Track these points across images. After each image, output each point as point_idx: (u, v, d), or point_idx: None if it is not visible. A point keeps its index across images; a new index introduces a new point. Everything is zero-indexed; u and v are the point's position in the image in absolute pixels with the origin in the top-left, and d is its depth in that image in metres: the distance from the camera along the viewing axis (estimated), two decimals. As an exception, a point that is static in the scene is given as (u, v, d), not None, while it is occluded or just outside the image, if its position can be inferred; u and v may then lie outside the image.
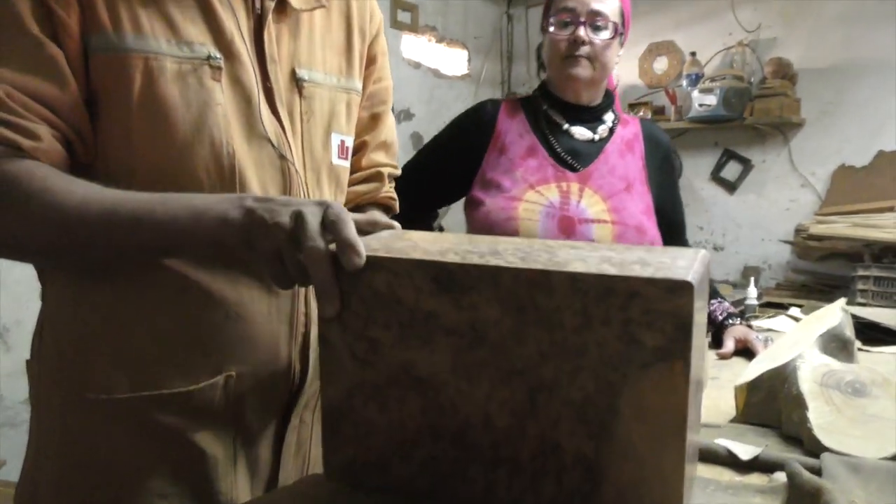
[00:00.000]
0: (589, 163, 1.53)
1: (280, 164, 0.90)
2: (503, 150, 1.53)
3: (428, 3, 4.17)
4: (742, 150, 3.99)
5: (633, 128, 1.62)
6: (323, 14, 0.98)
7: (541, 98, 1.59)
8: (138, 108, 0.81)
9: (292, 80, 0.93)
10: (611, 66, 1.54)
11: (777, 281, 3.87)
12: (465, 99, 4.47)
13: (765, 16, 3.85)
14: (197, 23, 0.84)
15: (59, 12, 0.77)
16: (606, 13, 1.48)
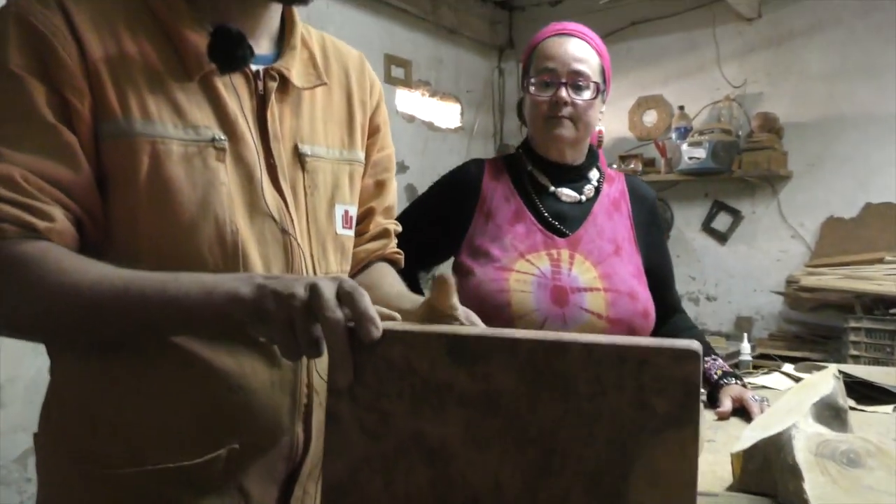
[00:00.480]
0: (577, 226, 1.51)
1: (282, 238, 0.92)
2: (490, 214, 1.50)
3: (421, 59, 4.26)
4: (732, 201, 4.05)
5: (618, 185, 1.60)
6: (324, 89, 1.02)
7: (524, 157, 1.56)
8: (145, 190, 0.83)
9: (295, 155, 0.96)
10: (594, 125, 1.52)
11: (770, 331, 3.89)
12: (459, 151, 4.54)
13: (750, 72, 3.95)
14: (202, 107, 0.87)
15: (72, 101, 0.80)
16: (587, 73, 1.46)
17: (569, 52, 1.46)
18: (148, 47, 0.85)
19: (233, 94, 0.90)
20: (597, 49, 1.50)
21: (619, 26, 4.27)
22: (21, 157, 0.78)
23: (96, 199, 0.83)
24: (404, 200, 4.13)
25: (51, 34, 0.80)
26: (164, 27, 0.87)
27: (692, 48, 4.10)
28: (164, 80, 0.85)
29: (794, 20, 3.82)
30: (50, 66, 0.79)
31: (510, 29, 4.76)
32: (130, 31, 0.85)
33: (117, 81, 0.82)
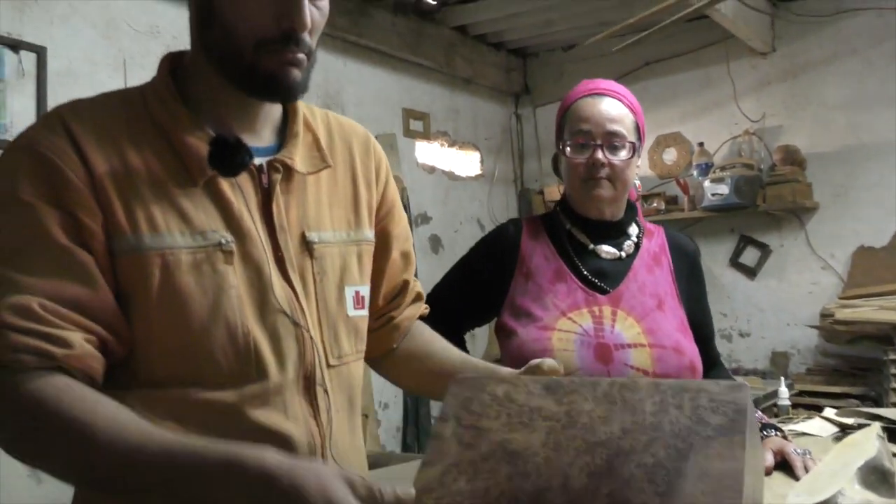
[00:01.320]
0: (618, 283, 1.48)
1: (294, 331, 0.93)
2: (530, 274, 1.49)
3: (438, 110, 4.31)
4: (759, 235, 4.01)
5: (658, 239, 1.57)
6: (328, 171, 1.02)
7: (562, 215, 1.54)
8: (157, 301, 0.85)
9: (302, 243, 0.96)
10: (632, 182, 1.52)
11: (807, 366, 3.81)
12: (481, 198, 4.56)
13: (768, 105, 3.94)
14: (208, 210, 0.89)
15: (86, 221, 0.82)
16: (623, 133, 1.45)
17: (603, 112, 1.46)
18: (152, 157, 0.87)
19: (238, 192, 0.91)
20: (630, 107, 1.50)
21: (633, 67, 4.29)
22: (38, 283, 0.79)
23: (117, 314, 0.84)
24: (428, 251, 4.18)
25: (59, 159, 0.82)
26: (166, 135, 0.89)
27: (708, 85, 4.11)
28: (170, 188, 0.87)
29: (809, 52, 3.82)
30: (61, 190, 0.82)
31: (525, 75, 4.81)
32: (134, 143, 0.87)
33: (124, 197, 0.84)
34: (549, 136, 4.78)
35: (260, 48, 0.86)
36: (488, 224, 4.60)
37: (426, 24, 4.02)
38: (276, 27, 0.86)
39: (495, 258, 1.53)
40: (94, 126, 0.86)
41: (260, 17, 0.85)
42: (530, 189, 4.77)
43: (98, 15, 2.71)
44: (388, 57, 3.93)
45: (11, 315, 0.77)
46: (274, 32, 0.86)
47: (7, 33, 2.46)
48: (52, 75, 2.55)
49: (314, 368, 0.94)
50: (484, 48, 4.49)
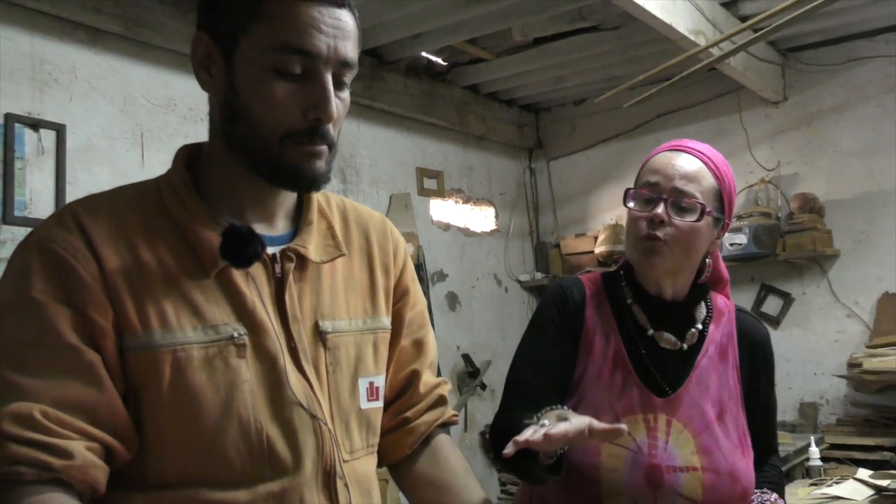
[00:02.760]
0: (678, 384, 1.31)
1: (312, 424, 0.90)
2: (590, 351, 1.34)
3: (452, 168, 4.34)
4: (780, 284, 3.95)
5: (726, 325, 1.38)
6: (344, 258, 1.00)
7: (625, 286, 1.38)
8: (169, 399, 0.83)
9: (315, 334, 0.94)
10: (697, 254, 1.32)
11: (837, 416, 3.71)
12: (497, 253, 4.55)
13: (783, 154, 3.93)
14: (220, 303, 0.88)
15: (96, 318, 0.82)
16: (694, 193, 1.28)
17: (675, 166, 1.30)
18: (165, 251, 0.87)
19: (251, 282, 0.90)
20: (713, 170, 1.32)
21: (645, 119, 4.31)
22: (42, 387, 0.78)
23: (123, 417, 0.83)
24: (446, 309, 4.16)
25: (71, 256, 0.82)
26: (179, 227, 0.89)
27: (720, 135, 4.11)
28: (182, 282, 0.86)
29: (822, 100, 3.82)
30: (72, 288, 0.81)
31: (537, 130, 4.85)
32: (147, 237, 0.87)
33: (135, 294, 0.84)
34: (564, 189, 4.83)
35: (286, 140, 0.86)
36: (505, 279, 4.58)
37: (438, 85, 4.07)
38: (302, 120, 0.86)
39: (566, 324, 1.36)
40: (108, 222, 0.85)
41: (287, 110, 0.85)
42: (547, 242, 4.76)
43: (116, 91, 2.77)
44: (401, 118, 3.98)
45: (12, 424, 0.76)
46: (300, 125, 0.86)
47: (28, 113, 2.51)
48: (71, 151, 2.60)
49: (333, 462, 0.91)
50: (496, 105, 4.53)
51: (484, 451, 4.29)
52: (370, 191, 3.80)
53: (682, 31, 2.91)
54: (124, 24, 2.71)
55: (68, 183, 2.58)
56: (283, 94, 0.85)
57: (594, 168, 4.60)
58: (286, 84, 0.85)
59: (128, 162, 2.77)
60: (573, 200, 4.72)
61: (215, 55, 0.88)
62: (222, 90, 0.88)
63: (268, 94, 0.84)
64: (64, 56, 2.63)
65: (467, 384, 4.21)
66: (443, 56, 3.89)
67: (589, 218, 4.63)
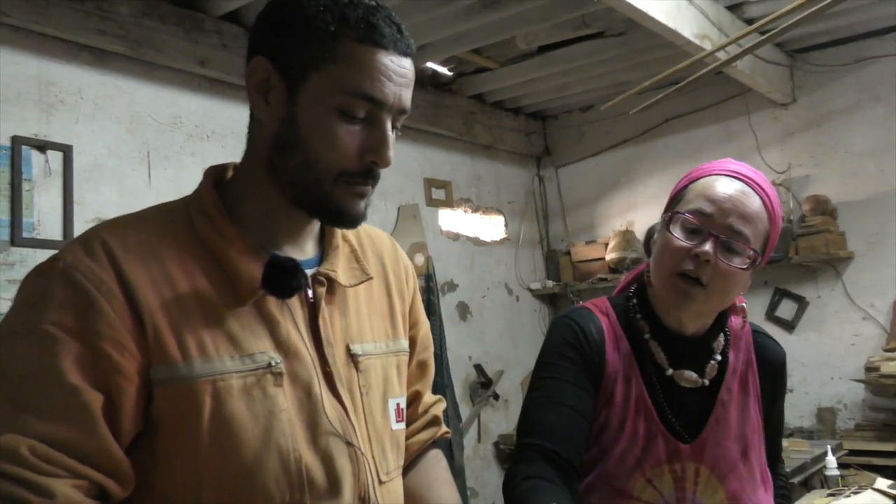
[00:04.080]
0: (701, 426, 1.22)
1: (347, 451, 0.90)
2: (611, 397, 1.22)
3: (460, 178, 4.33)
4: (794, 287, 3.91)
5: (744, 350, 1.29)
6: (366, 283, 1.01)
7: (640, 319, 1.26)
8: (209, 431, 0.82)
9: (348, 357, 0.94)
10: (732, 299, 1.22)
11: (855, 421, 3.66)
12: (507, 261, 4.53)
13: (793, 156, 3.89)
14: (256, 331, 0.87)
15: (112, 355, 0.79)
16: (749, 236, 1.14)
17: (736, 202, 1.15)
18: (201, 280, 0.86)
19: (284, 309, 0.90)
20: (770, 212, 1.18)
21: (653, 124, 4.29)
22: (34, 423, 0.76)
23: (116, 458, 0.80)
24: (456, 319, 4.14)
25: (95, 288, 0.80)
26: (212, 252, 0.88)
27: (729, 138, 4.08)
28: (219, 311, 0.85)
29: (831, 101, 3.78)
30: (90, 321, 0.79)
31: (545, 137, 4.83)
32: (180, 263, 0.85)
33: (175, 326, 0.82)
34: (573, 196, 4.81)
35: (339, 179, 0.86)
36: (516, 288, 4.56)
37: (444, 95, 4.07)
38: (358, 161, 0.86)
39: (589, 371, 1.23)
40: (140, 250, 0.83)
41: (347, 151, 0.86)
42: (557, 250, 4.74)
43: (122, 111, 2.79)
44: (408, 129, 3.96)
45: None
46: (356, 166, 0.87)
47: (34, 135, 2.52)
48: (78, 171, 2.61)
49: (367, 488, 0.91)
50: (502, 114, 4.52)
51: (499, 461, 4.27)
52: (378, 203, 3.80)
53: (686, 36, 2.89)
54: (129, 44, 2.72)
55: (76, 203, 2.59)
56: (345, 135, 0.85)
57: (603, 174, 4.58)
58: (350, 126, 0.86)
59: (135, 181, 2.78)
60: (583, 207, 4.69)
61: (276, 83, 0.87)
62: (280, 119, 0.87)
63: (331, 133, 0.85)
64: (70, 78, 2.65)
65: (480, 395, 4.19)
66: (448, 66, 3.89)
67: (599, 224, 4.61)
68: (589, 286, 4.37)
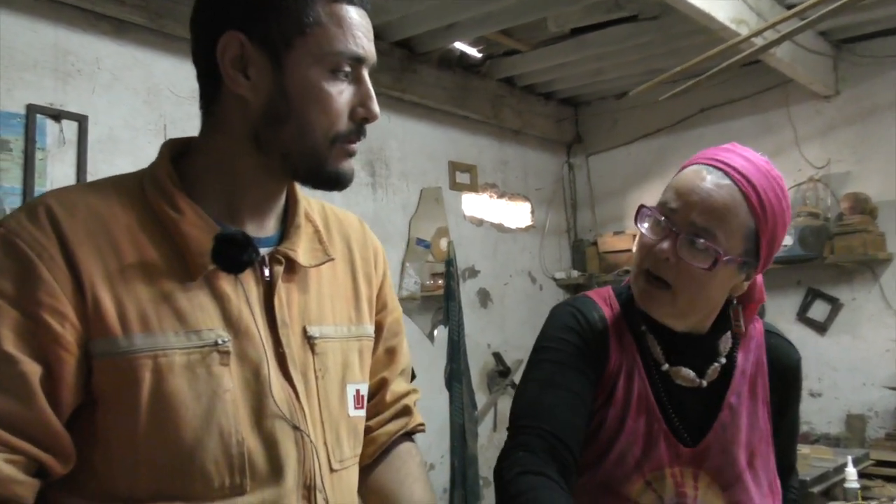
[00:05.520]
0: (705, 430, 1.14)
1: (294, 435, 0.86)
2: (611, 391, 1.15)
3: (486, 162, 4.24)
4: (828, 288, 3.75)
5: (755, 351, 1.20)
6: (329, 265, 0.98)
7: (636, 309, 1.17)
8: (147, 408, 0.78)
9: (304, 339, 0.91)
10: (710, 302, 1.12)
11: (886, 430, 3.51)
12: (531, 249, 4.45)
13: (834, 151, 3.72)
14: (205, 307, 0.83)
15: (52, 325, 0.76)
16: (715, 232, 1.04)
17: (701, 193, 1.05)
18: (150, 252, 0.82)
19: (238, 285, 0.86)
20: (753, 203, 1.05)
21: (688, 114, 4.14)
22: None
23: (55, 431, 0.77)
24: (477, 306, 4.07)
25: (36, 255, 0.76)
26: (164, 225, 0.84)
27: (767, 131, 3.92)
28: (166, 284, 0.82)
29: (877, 95, 3.60)
30: (29, 289, 0.75)
31: (577, 124, 4.71)
32: (131, 239, 0.82)
33: (116, 297, 0.79)
34: (603, 185, 4.68)
35: (334, 143, 0.86)
36: (540, 277, 4.47)
37: (471, 78, 3.98)
38: (349, 121, 0.87)
39: (592, 361, 1.15)
40: (87, 219, 0.80)
41: (340, 111, 0.86)
42: (584, 240, 4.63)
43: (140, 82, 2.77)
44: (433, 110, 3.90)
45: None
46: (348, 126, 0.87)
47: (50, 104, 2.52)
48: (92, 142, 2.60)
49: (314, 475, 0.88)
50: (533, 98, 4.41)
51: (513, 452, 4.20)
52: (399, 184, 3.74)
53: (722, 21, 2.76)
54: (148, 15, 2.69)
55: (89, 174, 2.58)
56: (337, 96, 0.85)
57: (635, 164, 4.45)
58: (339, 87, 0.86)
59: (150, 153, 2.70)
60: (612, 197, 4.57)
61: (255, 57, 0.84)
62: (266, 92, 0.85)
63: (324, 97, 0.84)
64: (87, 47, 2.63)
65: (497, 383, 4.12)
66: (477, 47, 3.79)
67: (627, 215, 4.48)
68: (615, 278, 4.26)
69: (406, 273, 3.69)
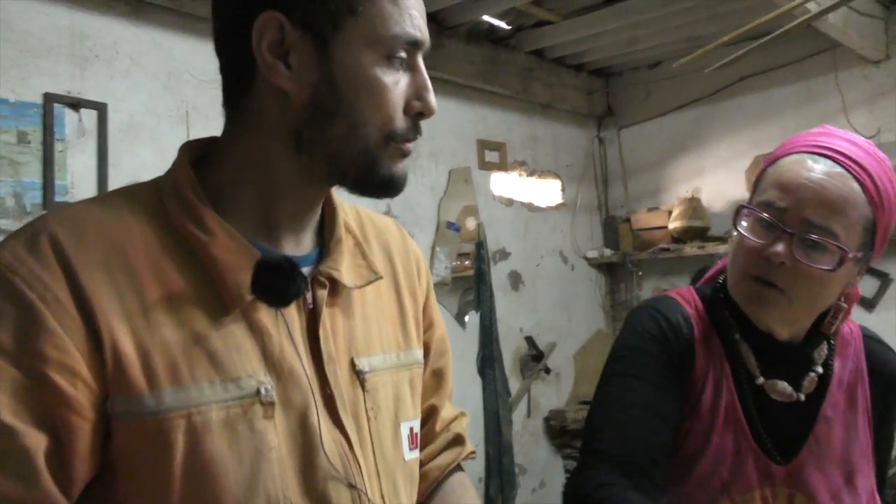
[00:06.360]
0: (796, 446, 1.05)
1: (350, 495, 0.74)
2: (697, 403, 1.05)
3: (515, 139, 4.09)
4: (876, 262, 3.58)
5: (853, 358, 1.11)
6: (373, 284, 0.86)
7: (729, 316, 1.08)
8: (181, 476, 0.67)
9: (352, 374, 0.79)
10: (825, 304, 1.04)
11: (941, 410, 3.37)
12: (563, 228, 4.31)
13: (883, 119, 3.54)
14: (243, 347, 0.71)
15: (61, 385, 0.63)
16: (834, 230, 0.95)
17: (814, 186, 0.96)
18: (176, 282, 0.70)
19: (279, 318, 0.73)
20: (871, 192, 0.97)
21: (727, 82, 3.96)
22: None
23: None
24: (508, 289, 3.95)
25: (39, 297, 0.63)
26: (193, 251, 0.72)
27: (812, 98, 3.73)
28: (197, 322, 0.70)
29: (931, 58, 3.41)
30: (30, 341, 0.63)
31: (607, 96, 4.53)
32: (153, 269, 0.69)
33: (140, 344, 0.66)
34: (636, 159, 4.52)
35: (388, 141, 0.75)
36: (571, 256, 4.33)
37: (501, 51, 3.81)
38: (404, 115, 0.76)
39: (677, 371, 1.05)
40: (99, 248, 0.67)
41: (396, 104, 0.74)
42: (616, 217, 4.48)
43: (159, 67, 2.63)
44: (461, 87, 3.74)
45: None
46: (403, 122, 0.75)
47: (68, 92, 2.39)
48: (113, 131, 2.48)
49: None
50: (563, 71, 4.24)
51: (549, 437, 4.10)
52: (428, 166, 3.59)
53: (775, -16, 2.58)
54: (166, -6, 2.55)
55: (111, 165, 2.46)
56: (393, 87, 0.74)
57: (669, 136, 4.28)
58: (395, 75, 0.74)
59: (173, 141, 2.61)
60: (645, 172, 4.41)
61: (297, 42, 0.72)
62: (311, 84, 0.73)
63: (378, 88, 0.73)
64: (104, 31, 2.49)
65: (531, 368, 4.01)
66: (506, 20, 3.62)
67: (662, 191, 4.33)
68: (650, 256, 4.12)
69: (437, 258, 3.57)
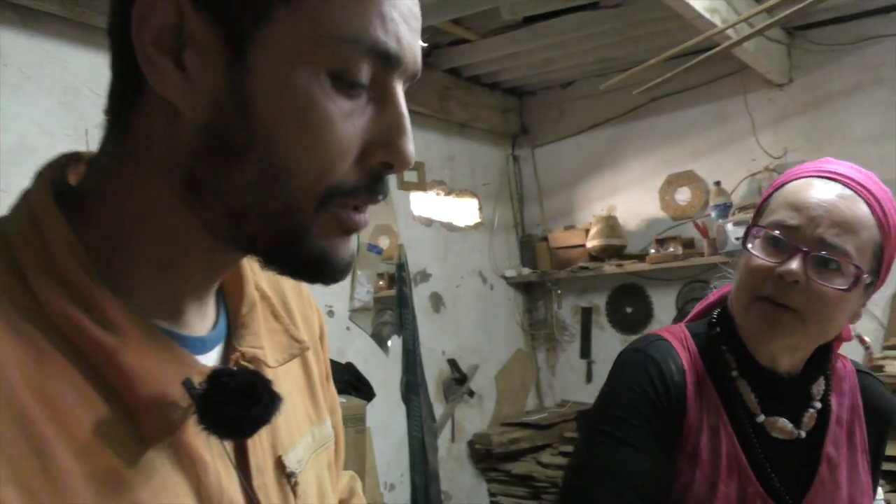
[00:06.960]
0: (804, 486, 1.02)
1: None
2: (695, 453, 1.00)
3: (433, 158, 4.01)
4: (784, 278, 3.73)
5: (849, 395, 1.09)
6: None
7: (727, 352, 1.05)
8: None
9: (282, 479, 0.61)
10: (836, 330, 1.01)
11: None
12: (481, 248, 4.25)
13: (789, 140, 3.68)
14: (171, 488, 0.50)
15: None
16: (847, 249, 0.93)
17: (827, 206, 0.95)
18: (78, 416, 0.46)
19: (209, 438, 0.53)
20: (879, 216, 0.96)
21: (638, 103, 4.02)
22: None
23: None
24: (430, 311, 3.85)
25: None
26: (84, 357, 0.48)
27: (722, 119, 3.84)
28: (113, 464, 0.47)
29: (830, 83, 3.56)
30: None
31: (521, 115, 4.53)
32: (43, 404, 0.45)
33: None
34: (551, 178, 4.53)
35: (327, 201, 0.51)
36: (490, 276, 4.28)
37: (418, 68, 3.73)
38: (358, 165, 0.52)
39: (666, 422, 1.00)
40: None
41: (347, 147, 0.50)
42: (533, 235, 4.46)
43: (54, 80, 2.38)
44: (379, 105, 3.62)
45: None
46: (356, 174, 0.51)
47: (-54, 108, 2.12)
48: (2, 152, 2.21)
49: None
50: (478, 89, 4.20)
51: (473, 461, 4.02)
52: (347, 186, 3.46)
53: (697, 9, 2.61)
54: (61, 3, 2.31)
55: (1, 191, 2.19)
56: (341, 119, 0.49)
57: (583, 155, 4.31)
58: (346, 103, 0.50)
59: (71, 163, 2.39)
60: (561, 190, 4.42)
61: (200, 35, 0.48)
62: (212, 100, 0.49)
63: (317, 118, 0.48)
64: (-10, 40, 2.23)
65: (454, 391, 3.92)
66: (423, 37, 3.53)
67: (578, 209, 4.35)
68: (568, 274, 4.12)
69: (358, 282, 3.42)
